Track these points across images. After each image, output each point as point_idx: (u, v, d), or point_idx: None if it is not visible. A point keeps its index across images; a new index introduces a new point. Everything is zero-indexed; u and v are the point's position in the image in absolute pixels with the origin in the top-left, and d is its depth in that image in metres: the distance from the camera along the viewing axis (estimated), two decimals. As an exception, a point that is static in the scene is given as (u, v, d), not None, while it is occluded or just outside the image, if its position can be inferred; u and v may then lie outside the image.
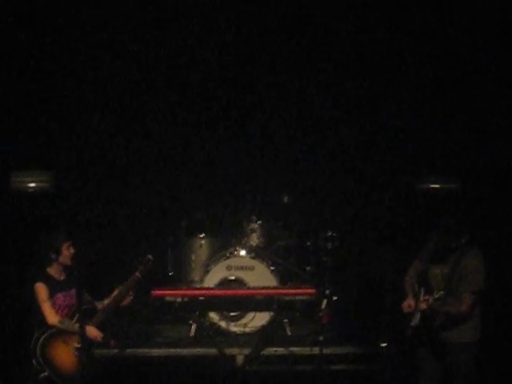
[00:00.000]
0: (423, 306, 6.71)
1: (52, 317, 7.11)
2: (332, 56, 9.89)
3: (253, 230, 9.88)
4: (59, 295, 7.21)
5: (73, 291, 7.27)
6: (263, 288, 9.28)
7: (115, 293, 7.47)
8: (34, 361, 7.00)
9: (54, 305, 7.15)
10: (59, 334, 7.09)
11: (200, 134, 10.26)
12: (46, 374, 6.98)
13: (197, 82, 10.07)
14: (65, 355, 7.05)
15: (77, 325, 7.06)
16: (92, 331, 7.17)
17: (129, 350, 8.51)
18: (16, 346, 7.74)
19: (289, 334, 9.13)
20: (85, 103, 9.82)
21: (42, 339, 7.02)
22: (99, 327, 7.26)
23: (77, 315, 7.14)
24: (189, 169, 10.36)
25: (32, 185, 9.18)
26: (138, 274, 7.52)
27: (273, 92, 10.18)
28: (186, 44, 9.89)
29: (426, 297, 6.72)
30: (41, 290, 7.14)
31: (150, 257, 7.60)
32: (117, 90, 9.91)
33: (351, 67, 9.90)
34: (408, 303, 6.83)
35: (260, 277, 9.35)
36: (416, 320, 6.74)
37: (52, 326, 7.10)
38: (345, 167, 10.22)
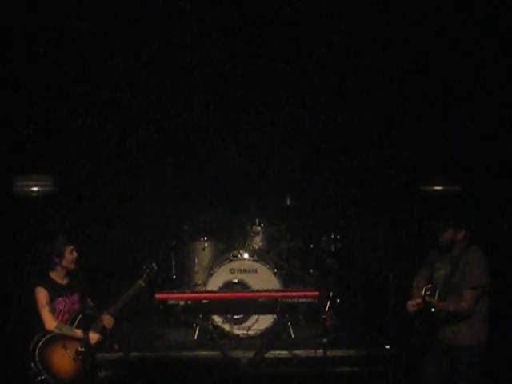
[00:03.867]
0: (418, 300, 6.71)
1: (50, 322, 7.10)
2: (332, 58, 9.87)
3: (256, 233, 9.88)
4: (60, 300, 7.19)
5: (74, 296, 7.27)
6: (266, 291, 9.27)
7: (118, 301, 7.43)
8: (32, 364, 7.00)
9: (54, 309, 7.15)
10: (58, 338, 7.08)
11: (202, 137, 10.25)
12: (43, 377, 6.98)
13: (200, 86, 10.06)
14: (62, 360, 7.04)
15: (75, 330, 7.08)
16: (93, 336, 7.15)
17: (132, 354, 8.50)
18: (16, 349, 7.73)
19: (292, 336, 9.12)
20: (88, 108, 9.81)
21: (40, 343, 7.02)
22: (100, 332, 7.25)
23: (78, 319, 7.15)
24: (191, 172, 10.34)
25: (35, 189, 9.22)
26: (141, 282, 7.50)
27: (277, 96, 10.16)
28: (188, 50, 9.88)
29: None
30: (41, 294, 7.13)
31: (154, 265, 7.58)
32: (119, 94, 9.90)
33: (353, 67, 9.88)
34: (413, 302, 6.81)
35: (263, 280, 9.33)
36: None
37: (50, 331, 7.10)
38: (348, 169, 10.20)
